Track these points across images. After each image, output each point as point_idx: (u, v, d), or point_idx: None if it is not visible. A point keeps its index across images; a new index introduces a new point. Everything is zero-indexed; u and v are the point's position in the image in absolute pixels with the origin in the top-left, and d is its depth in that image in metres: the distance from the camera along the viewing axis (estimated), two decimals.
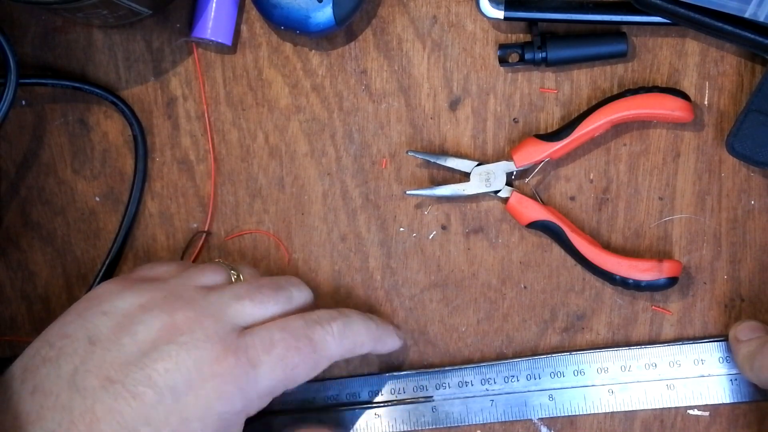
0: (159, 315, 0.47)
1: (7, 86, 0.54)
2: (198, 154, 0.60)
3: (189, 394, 0.45)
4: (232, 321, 0.48)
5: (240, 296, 0.49)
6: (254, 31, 0.59)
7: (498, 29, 0.58)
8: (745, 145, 0.55)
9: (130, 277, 0.52)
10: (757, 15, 0.51)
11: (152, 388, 0.44)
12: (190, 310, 0.47)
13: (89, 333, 0.46)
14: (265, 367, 0.47)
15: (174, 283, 0.50)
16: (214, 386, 0.45)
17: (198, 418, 0.45)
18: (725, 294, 0.59)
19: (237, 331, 0.47)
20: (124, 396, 0.44)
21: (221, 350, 0.46)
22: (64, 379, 0.45)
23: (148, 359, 0.45)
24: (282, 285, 0.52)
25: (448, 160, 0.58)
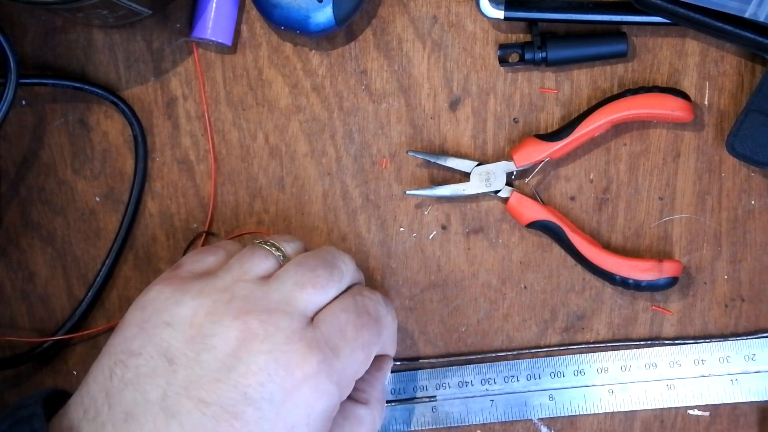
0: (232, 323, 0.45)
1: (7, 86, 0.54)
2: (198, 154, 0.60)
3: (288, 402, 0.44)
4: (302, 313, 0.47)
5: (302, 284, 0.48)
6: (254, 31, 0.59)
7: (498, 29, 0.58)
8: (745, 145, 0.55)
9: (177, 274, 0.50)
10: (757, 15, 0.51)
11: (251, 405, 0.43)
12: (262, 312, 0.46)
13: (162, 350, 0.44)
14: (345, 353, 0.47)
15: (230, 280, 0.48)
16: (311, 387, 0.45)
17: (303, 422, 0.44)
18: (725, 294, 0.59)
19: (310, 323, 0.47)
20: (225, 418, 0.43)
21: (305, 349, 0.45)
22: (155, 404, 0.43)
23: (237, 374, 0.44)
24: (330, 261, 0.50)
25: (448, 160, 0.58)
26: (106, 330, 0.60)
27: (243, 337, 0.45)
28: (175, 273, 0.50)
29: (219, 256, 0.51)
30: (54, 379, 0.61)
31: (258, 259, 0.50)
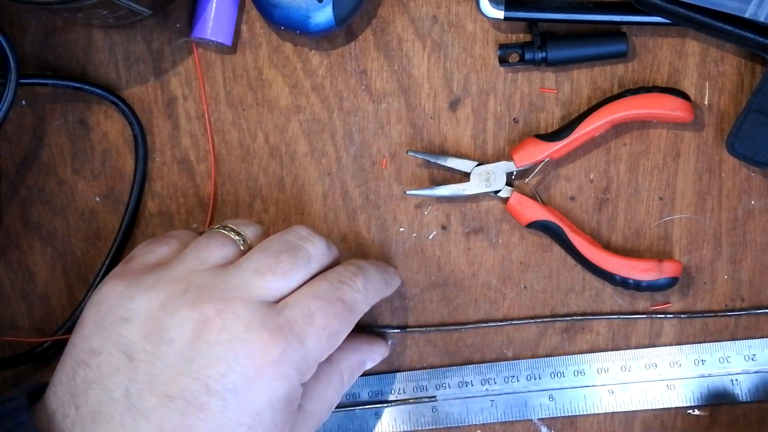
0: (188, 314, 0.44)
1: (7, 86, 0.54)
2: (198, 154, 0.60)
3: (251, 390, 0.44)
4: (262, 300, 0.46)
5: (262, 271, 0.47)
6: (254, 31, 0.59)
7: (498, 29, 0.58)
8: (745, 145, 0.55)
9: (129, 268, 0.48)
10: (757, 15, 0.51)
11: (214, 396, 0.43)
12: (219, 301, 0.45)
13: (121, 346, 0.44)
14: (311, 340, 0.46)
15: (184, 270, 0.47)
16: (273, 374, 0.44)
17: (267, 407, 0.44)
18: (725, 294, 0.59)
19: (272, 309, 0.46)
20: (190, 410, 0.43)
21: (267, 336, 0.44)
22: (120, 402, 0.43)
23: (198, 366, 0.43)
24: (295, 245, 0.49)
25: (448, 160, 0.58)
26: None
27: (200, 327, 0.44)
28: (127, 267, 0.49)
29: (172, 245, 0.50)
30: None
31: (215, 247, 0.49)
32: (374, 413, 0.59)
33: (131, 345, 0.44)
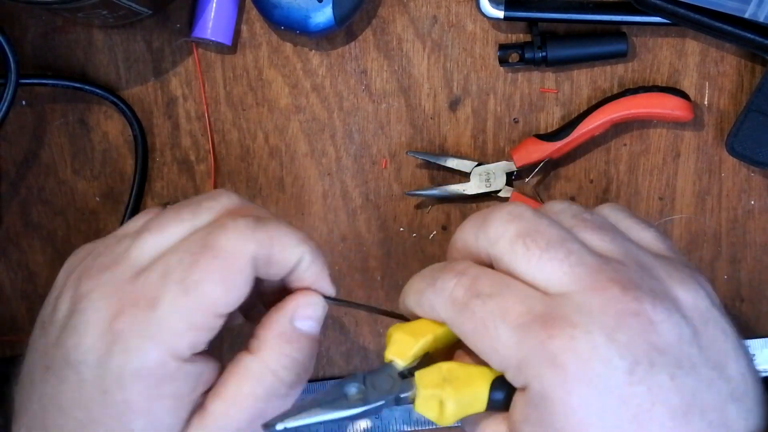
0: (70, 286, 0.42)
1: (7, 86, 0.54)
2: (198, 154, 0.60)
3: (101, 364, 0.39)
4: (132, 265, 0.41)
5: (140, 231, 0.42)
6: (254, 31, 0.59)
7: (498, 29, 0.58)
8: (745, 145, 0.55)
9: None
10: (757, 15, 0.51)
11: (71, 369, 0.40)
12: (96, 270, 0.41)
13: (41, 317, 0.44)
14: (164, 301, 0.39)
15: (100, 243, 0.44)
16: (120, 346, 0.39)
17: (115, 384, 0.39)
18: (725, 294, 0.59)
19: (135, 275, 0.41)
20: (56, 382, 0.41)
21: (116, 305, 0.40)
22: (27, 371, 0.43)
23: (63, 336, 0.41)
24: (192, 201, 0.43)
25: (448, 160, 0.58)
26: None
27: (73, 299, 0.41)
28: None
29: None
30: None
31: (139, 216, 0.45)
32: None
33: (44, 315, 0.44)
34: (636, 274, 0.39)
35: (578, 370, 0.36)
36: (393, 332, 0.42)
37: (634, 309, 0.37)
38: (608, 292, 0.37)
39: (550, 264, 0.38)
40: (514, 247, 0.39)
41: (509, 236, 0.40)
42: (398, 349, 0.41)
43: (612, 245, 0.40)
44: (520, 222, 0.40)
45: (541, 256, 0.39)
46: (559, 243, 0.39)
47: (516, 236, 0.40)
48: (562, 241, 0.39)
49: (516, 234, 0.40)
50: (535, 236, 0.39)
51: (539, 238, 0.39)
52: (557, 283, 0.38)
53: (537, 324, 0.37)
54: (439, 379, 0.40)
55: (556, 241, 0.39)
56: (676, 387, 0.37)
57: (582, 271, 0.38)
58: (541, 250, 0.39)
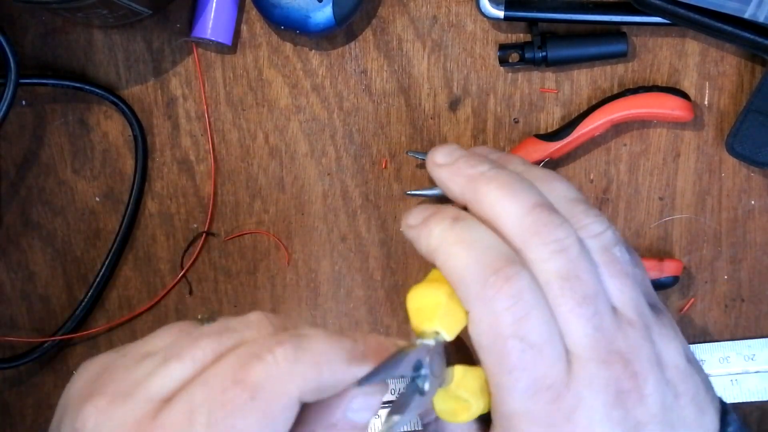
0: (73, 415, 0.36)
1: (7, 86, 0.54)
2: (198, 154, 0.60)
3: None
4: (152, 396, 0.35)
5: (167, 357, 0.36)
6: (254, 31, 0.59)
7: (498, 29, 0.58)
8: (745, 145, 0.55)
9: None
10: (757, 15, 0.51)
11: None
12: (104, 399, 0.35)
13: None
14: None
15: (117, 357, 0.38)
16: None
17: None
18: (725, 294, 0.59)
19: (155, 410, 0.34)
20: None
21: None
22: None
23: None
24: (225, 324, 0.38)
25: None
26: (106, 330, 0.60)
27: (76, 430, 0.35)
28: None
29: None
30: (54, 379, 0.61)
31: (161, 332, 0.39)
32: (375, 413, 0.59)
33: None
34: (639, 338, 0.39)
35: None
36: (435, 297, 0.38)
37: (632, 386, 0.38)
38: (613, 368, 0.38)
39: (577, 320, 0.38)
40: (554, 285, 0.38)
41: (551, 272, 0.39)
42: (451, 322, 0.38)
43: (629, 298, 0.40)
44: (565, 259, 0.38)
45: (573, 309, 0.38)
46: (592, 299, 0.38)
47: (557, 276, 0.38)
48: (594, 297, 0.39)
49: (557, 273, 0.38)
50: (575, 284, 0.38)
51: (578, 288, 0.38)
52: (576, 342, 0.38)
53: (554, 392, 0.38)
54: (477, 388, 0.39)
55: (590, 296, 0.39)
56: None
57: (600, 339, 0.38)
58: (575, 303, 0.38)
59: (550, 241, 0.39)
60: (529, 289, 0.38)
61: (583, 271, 0.39)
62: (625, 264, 0.40)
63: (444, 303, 0.39)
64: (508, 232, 0.39)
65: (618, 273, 0.40)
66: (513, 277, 0.38)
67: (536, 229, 0.39)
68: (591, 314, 0.38)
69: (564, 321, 0.38)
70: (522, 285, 0.38)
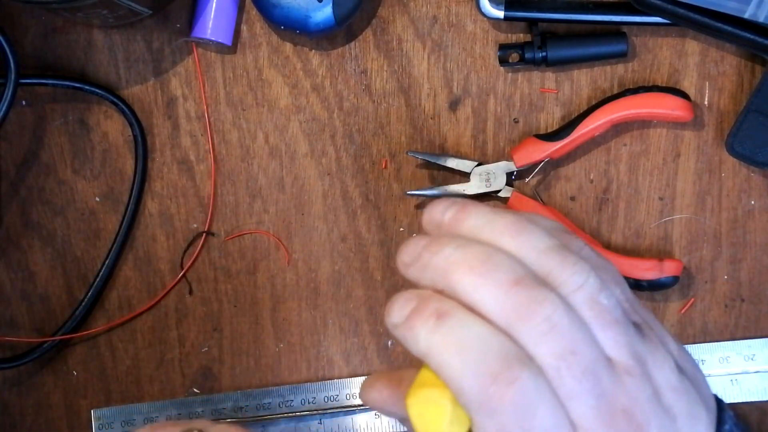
0: None
1: (7, 86, 0.54)
2: (198, 154, 0.60)
3: None
4: None
5: None
6: (254, 31, 0.59)
7: (498, 29, 0.58)
8: (745, 145, 0.55)
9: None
10: (757, 15, 0.51)
11: None
12: None
13: None
14: None
15: None
16: None
17: None
18: (725, 294, 0.59)
19: None
20: None
21: None
22: None
23: None
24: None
25: (448, 160, 0.58)
26: (106, 330, 0.60)
27: None
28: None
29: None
30: (54, 379, 0.61)
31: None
32: (374, 413, 0.59)
33: None
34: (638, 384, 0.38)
35: None
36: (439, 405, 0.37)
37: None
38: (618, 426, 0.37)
39: (579, 397, 0.37)
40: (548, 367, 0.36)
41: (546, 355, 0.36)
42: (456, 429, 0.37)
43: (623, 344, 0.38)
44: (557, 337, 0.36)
45: (573, 388, 0.36)
46: (591, 371, 0.37)
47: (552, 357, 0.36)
48: (594, 368, 0.37)
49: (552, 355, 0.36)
50: (571, 361, 0.36)
51: (575, 365, 0.36)
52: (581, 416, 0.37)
53: None
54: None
55: (589, 368, 0.37)
56: None
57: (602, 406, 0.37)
58: (575, 381, 0.36)
59: (537, 323, 0.36)
60: (534, 389, 0.36)
61: (577, 342, 0.37)
62: (613, 310, 0.38)
63: (449, 411, 0.37)
64: (493, 319, 0.37)
65: (609, 324, 0.38)
66: (515, 383, 0.35)
67: (519, 313, 0.36)
68: (591, 386, 0.37)
69: (566, 399, 0.36)
70: (526, 387, 0.36)
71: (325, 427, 0.59)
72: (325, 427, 0.59)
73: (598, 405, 0.37)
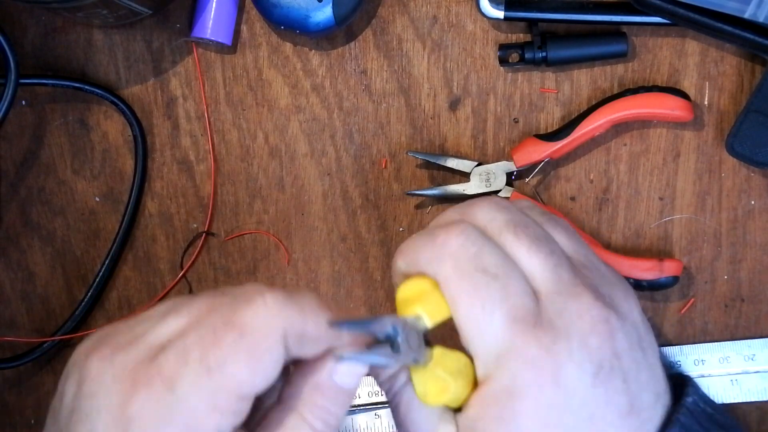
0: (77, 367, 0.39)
1: (7, 86, 0.54)
2: (198, 154, 0.60)
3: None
4: (149, 345, 0.38)
5: (165, 314, 0.39)
6: (254, 31, 0.59)
7: (498, 29, 0.58)
8: (745, 145, 0.55)
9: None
10: (757, 15, 0.51)
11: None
12: (106, 350, 0.38)
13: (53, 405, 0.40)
14: (184, 382, 0.36)
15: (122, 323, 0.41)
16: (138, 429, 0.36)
17: None
18: (725, 294, 0.59)
19: (153, 354, 0.37)
20: None
21: (130, 387, 0.36)
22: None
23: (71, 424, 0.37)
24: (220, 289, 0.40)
25: (448, 160, 0.58)
26: None
27: (82, 380, 0.38)
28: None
29: None
30: (54, 379, 0.61)
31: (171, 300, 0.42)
32: (374, 413, 0.59)
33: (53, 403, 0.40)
34: (597, 280, 0.43)
35: (553, 370, 0.40)
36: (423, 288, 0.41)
37: (604, 316, 0.41)
38: (583, 299, 0.41)
39: (537, 258, 0.42)
40: (505, 232, 0.42)
41: (499, 222, 0.42)
42: (433, 310, 0.41)
43: (576, 248, 0.44)
44: (508, 213, 0.43)
45: (530, 247, 0.42)
46: (542, 241, 0.42)
47: (506, 223, 0.42)
48: (545, 240, 0.42)
49: (506, 222, 0.42)
50: (524, 228, 0.42)
51: (527, 232, 0.42)
52: (541, 279, 0.42)
53: (528, 320, 0.40)
54: (456, 368, 0.41)
55: (540, 238, 0.42)
56: (626, 389, 0.41)
57: (562, 274, 0.42)
58: (529, 241, 0.42)
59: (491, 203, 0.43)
60: (476, 232, 0.42)
61: (528, 220, 0.43)
62: (564, 224, 0.45)
63: (427, 290, 0.41)
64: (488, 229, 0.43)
65: (561, 229, 0.44)
66: (458, 224, 0.42)
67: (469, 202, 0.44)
68: (548, 252, 0.42)
69: (525, 262, 0.42)
70: (468, 228, 0.42)
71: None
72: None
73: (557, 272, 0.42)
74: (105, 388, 0.37)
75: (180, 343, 0.37)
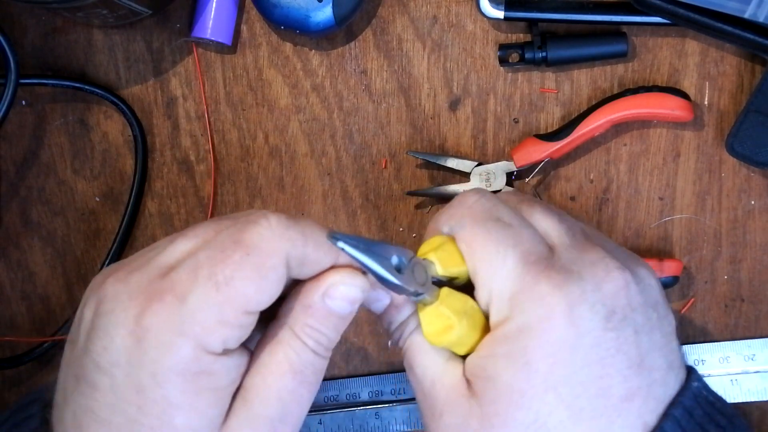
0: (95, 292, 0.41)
1: (7, 86, 0.54)
2: (198, 154, 0.60)
3: (132, 364, 0.39)
4: (161, 265, 0.40)
5: (175, 238, 0.42)
6: (254, 31, 0.59)
7: (498, 29, 0.58)
8: (745, 145, 0.55)
9: None
10: (757, 15, 0.51)
11: (102, 373, 0.39)
12: (120, 273, 0.41)
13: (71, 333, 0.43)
14: (195, 297, 0.39)
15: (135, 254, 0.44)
16: (151, 343, 0.39)
17: (153, 383, 0.39)
18: (725, 294, 0.59)
19: (165, 272, 0.40)
20: (88, 391, 0.40)
21: (144, 301, 0.39)
22: (61, 387, 0.42)
23: (91, 342, 0.40)
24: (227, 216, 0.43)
25: (448, 160, 0.58)
26: None
27: (100, 301, 0.40)
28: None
29: None
30: (54, 379, 0.61)
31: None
32: (374, 413, 0.59)
33: (70, 332, 0.43)
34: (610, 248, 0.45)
35: (565, 309, 0.40)
36: (440, 242, 0.43)
37: (620, 266, 0.42)
38: (599, 253, 0.43)
39: (550, 220, 0.44)
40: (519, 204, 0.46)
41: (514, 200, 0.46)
42: (446, 259, 0.43)
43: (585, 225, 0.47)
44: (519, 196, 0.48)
45: (543, 212, 0.45)
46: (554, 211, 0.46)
47: (520, 200, 0.46)
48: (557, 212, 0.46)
49: (519, 200, 0.47)
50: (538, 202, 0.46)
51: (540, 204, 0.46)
52: (556, 235, 0.44)
53: (541, 263, 0.41)
54: (461, 309, 0.42)
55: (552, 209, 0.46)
56: (636, 342, 0.41)
57: (576, 233, 0.44)
58: (542, 208, 0.45)
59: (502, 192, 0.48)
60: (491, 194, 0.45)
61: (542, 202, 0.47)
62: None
63: (445, 242, 0.43)
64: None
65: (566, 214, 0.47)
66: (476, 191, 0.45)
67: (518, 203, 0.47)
68: (559, 218, 0.45)
69: (539, 223, 0.44)
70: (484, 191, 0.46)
71: (325, 426, 0.59)
72: (325, 426, 0.59)
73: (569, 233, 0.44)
74: (121, 304, 0.39)
75: (190, 261, 0.40)
